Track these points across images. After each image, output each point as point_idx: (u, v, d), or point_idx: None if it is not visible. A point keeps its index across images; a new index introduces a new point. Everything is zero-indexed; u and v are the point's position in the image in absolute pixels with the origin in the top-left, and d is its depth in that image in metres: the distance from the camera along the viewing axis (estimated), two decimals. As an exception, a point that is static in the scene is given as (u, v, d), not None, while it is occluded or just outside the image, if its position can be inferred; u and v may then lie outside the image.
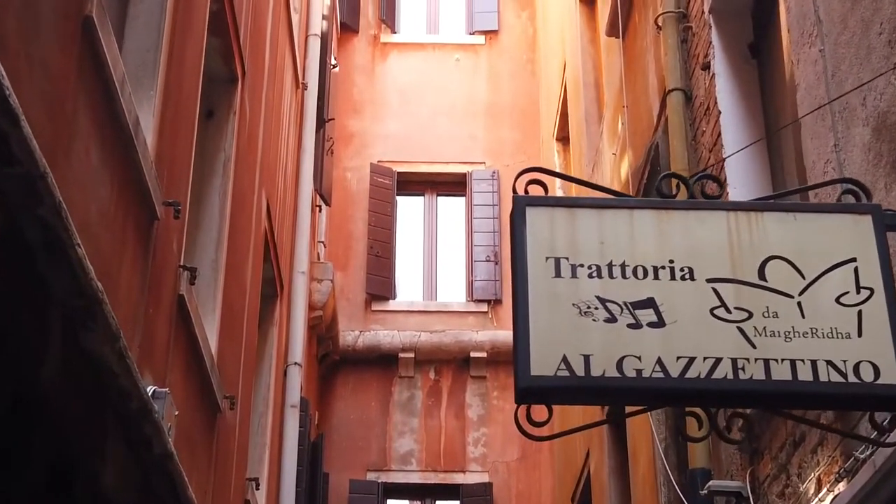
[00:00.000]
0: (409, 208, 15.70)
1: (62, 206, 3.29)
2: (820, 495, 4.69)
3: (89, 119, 4.09)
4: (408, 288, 15.20)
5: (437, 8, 16.98)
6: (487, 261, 14.93)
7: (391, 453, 14.08)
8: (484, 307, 14.76)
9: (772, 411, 4.13)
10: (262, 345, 9.53)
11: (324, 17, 12.26)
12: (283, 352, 10.23)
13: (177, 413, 5.21)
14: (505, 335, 14.42)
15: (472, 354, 14.41)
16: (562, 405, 3.41)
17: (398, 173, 15.48)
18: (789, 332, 3.37)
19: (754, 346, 3.35)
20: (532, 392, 3.25)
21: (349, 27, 16.15)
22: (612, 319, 3.34)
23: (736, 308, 3.42)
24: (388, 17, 16.42)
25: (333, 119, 12.77)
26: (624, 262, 3.43)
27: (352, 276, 14.84)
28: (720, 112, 6.39)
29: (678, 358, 3.31)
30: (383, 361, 14.41)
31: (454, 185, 15.63)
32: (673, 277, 3.43)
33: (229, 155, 7.30)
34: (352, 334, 14.37)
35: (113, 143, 4.41)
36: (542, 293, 3.35)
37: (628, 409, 4.28)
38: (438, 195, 15.77)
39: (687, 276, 3.44)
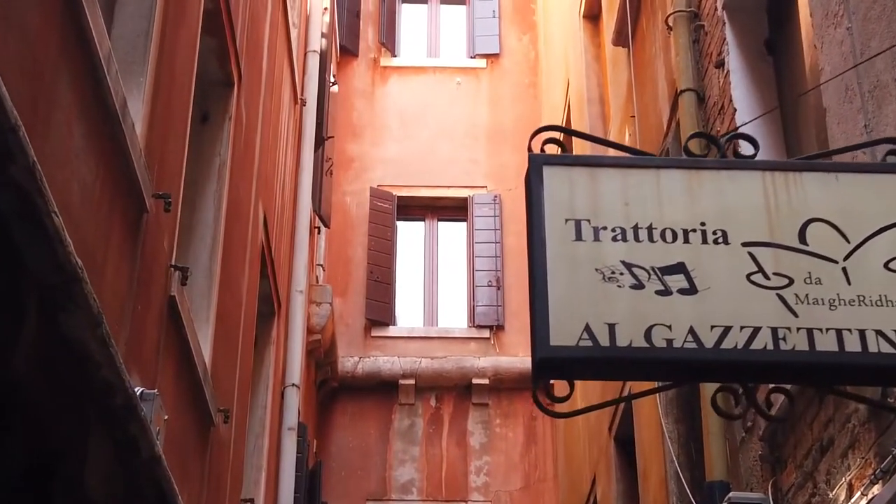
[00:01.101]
0: (409, 233, 15.43)
1: (37, 167, 3.01)
2: (852, 501, 4.39)
3: (71, 92, 3.83)
4: (408, 313, 14.90)
5: (437, 31, 16.79)
6: (489, 286, 14.64)
7: (391, 482, 13.72)
8: (486, 333, 14.46)
9: (816, 386, 3.81)
10: (259, 364, 9.23)
11: (323, 35, 12.04)
12: (281, 373, 9.93)
13: (166, 418, 4.91)
14: (508, 361, 14.14)
15: (474, 381, 14.08)
16: (583, 380, 3.11)
17: (398, 197, 15.21)
18: (834, 300, 3.09)
19: (796, 315, 3.06)
20: (551, 364, 2.96)
21: (349, 50, 15.94)
22: (638, 286, 3.06)
23: (775, 274, 3.14)
24: (387, 40, 16.21)
25: (333, 137, 12.52)
26: (651, 224, 3.16)
27: (351, 302, 14.54)
28: (735, 110, 6.13)
29: (712, 327, 3.02)
30: (383, 388, 14.09)
31: (455, 209, 15.36)
32: (705, 241, 3.15)
33: (224, 159, 7.04)
34: (351, 360, 14.05)
35: (98, 123, 4.15)
36: (561, 257, 3.07)
37: (634, 390, 3.95)
38: (439, 220, 15.49)
39: (720, 240, 3.16)
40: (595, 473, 10.73)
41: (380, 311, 14.49)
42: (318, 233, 13.16)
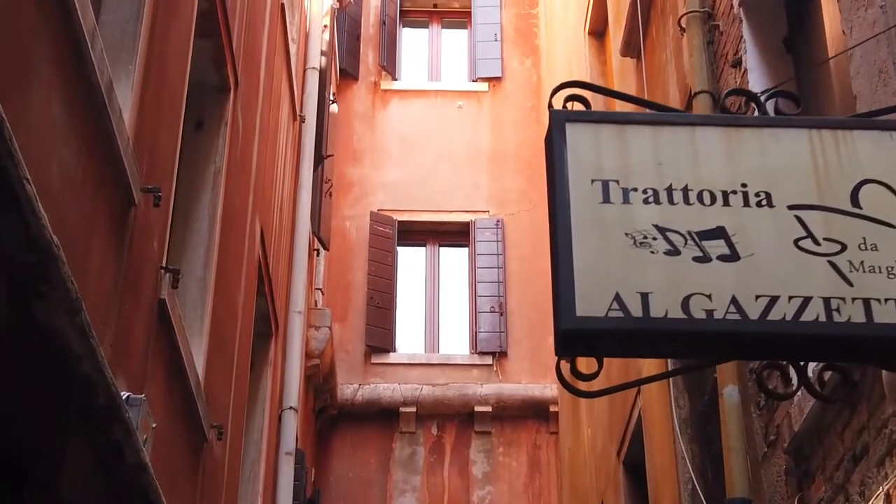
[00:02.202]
0: (410, 258, 15.13)
1: (6, 125, 2.72)
2: (891, 511, 4.07)
3: (51, 63, 3.55)
4: (409, 340, 14.57)
5: (438, 55, 16.56)
6: (492, 312, 14.33)
7: (392, 512, 13.37)
8: (489, 360, 14.13)
9: (874, 364, 3.46)
10: (256, 385, 8.91)
11: (322, 54, 11.80)
12: (278, 396, 9.60)
13: (154, 426, 4.60)
14: (511, 388, 13.81)
15: (477, 409, 13.75)
16: (612, 356, 2.80)
17: (399, 222, 14.93)
18: (893, 268, 2.79)
19: (850, 284, 2.76)
20: (578, 337, 2.65)
21: (349, 74, 15.71)
22: (674, 251, 2.76)
23: (826, 239, 2.84)
24: (388, 63, 15.97)
25: (332, 155, 12.25)
26: (686, 185, 2.86)
27: (350, 328, 14.22)
28: (754, 109, 5.84)
29: (757, 297, 2.72)
30: (383, 416, 13.74)
31: (457, 234, 15.07)
32: (746, 204, 2.85)
33: (220, 167, 6.76)
34: (350, 388, 13.72)
35: (81, 102, 3.87)
36: (587, 220, 2.77)
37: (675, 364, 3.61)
38: (441, 245, 15.20)
39: (764, 203, 2.87)
40: (602, 501, 10.38)
41: (380, 337, 14.17)
42: (318, 255, 12.86)
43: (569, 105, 3.04)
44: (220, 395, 6.76)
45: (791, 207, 2.89)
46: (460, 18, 16.76)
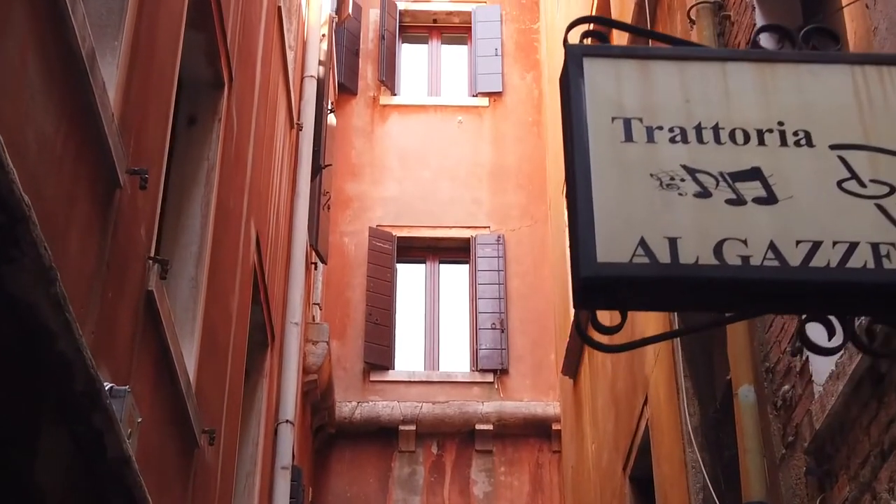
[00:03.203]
0: (409, 275, 14.88)
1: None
2: (925, 506, 3.81)
3: (27, 20, 3.31)
4: (408, 357, 14.29)
5: (438, 69, 16.35)
6: (493, 329, 14.05)
7: (391, 533, 13.06)
8: (489, 377, 13.85)
9: None
10: (251, 397, 8.65)
11: (321, 63, 11.59)
12: (274, 408, 9.33)
13: (140, 420, 4.34)
14: (513, 406, 13.52)
15: (478, 427, 13.45)
16: (636, 309, 2.54)
17: (398, 238, 14.67)
18: (946, 210, 2.54)
19: (901, 228, 2.51)
20: (599, 284, 2.39)
21: (347, 89, 15.50)
22: (704, 193, 2.50)
23: (872, 181, 2.59)
24: (387, 78, 15.76)
25: (330, 165, 12.02)
26: (717, 124, 2.61)
27: (349, 345, 13.95)
28: (768, 98, 5.60)
29: (798, 242, 2.47)
30: (382, 434, 13.45)
31: (457, 250, 14.81)
32: (784, 143, 2.60)
33: (213, 164, 6.52)
34: (349, 405, 13.43)
35: (60, 68, 3.63)
36: (607, 161, 2.52)
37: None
38: (441, 262, 14.94)
39: (803, 142, 2.62)
40: (608, 518, 10.09)
41: (379, 354, 13.90)
42: (315, 269, 12.60)
43: (586, 42, 2.80)
44: (212, 400, 6.50)
45: (833, 147, 2.65)
46: (460, 34, 16.57)
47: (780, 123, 2.65)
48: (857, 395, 4.41)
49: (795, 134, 2.63)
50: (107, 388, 3.93)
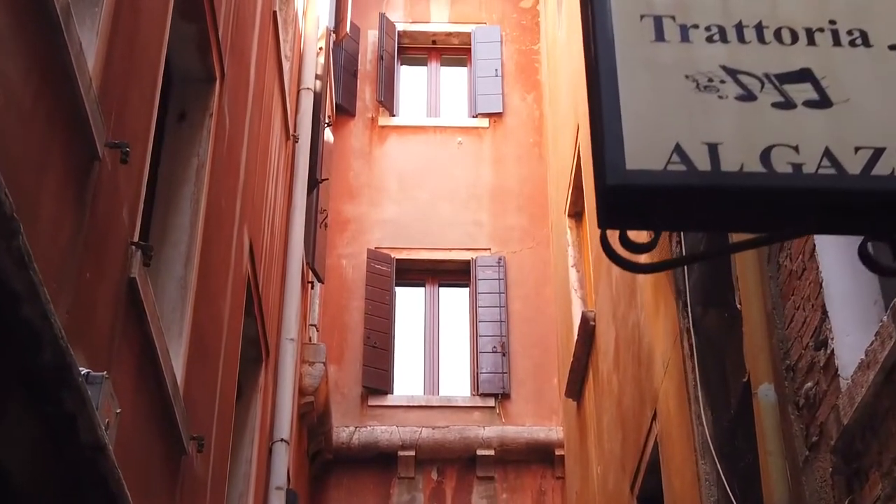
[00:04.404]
0: (409, 297, 14.56)
1: None
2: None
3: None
4: (408, 381, 13.95)
5: (437, 91, 16.11)
6: (494, 352, 13.73)
7: (390, 562, 12.68)
8: (491, 402, 13.51)
9: None
10: (244, 413, 8.33)
11: (318, 77, 11.34)
12: (268, 426, 9.00)
13: (119, 411, 4.03)
14: (515, 431, 13.18)
15: (479, 452, 13.10)
16: (668, 229, 2.22)
17: (397, 260, 14.37)
18: None
19: (974, 134, 2.22)
20: (626, 195, 2.08)
21: (345, 110, 15.26)
22: (748, 96, 2.21)
23: (938, 84, 2.30)
24: (386, 99, 15.51)
25: (327, 179, 11.74)
26: (760, 22, 2.32)
27: (347, 370, 13.61)
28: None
29: (857, 149, 2.17)
30: (381, 460, 13.09)
31: (457, 273, 14.50)
32: (837, 43, 2.32)
33: (203, 161, 6.24)
34: (346, 431, 13.08)
35: (31, 18, 3.35)
36: (636, 61, 2.22)
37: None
38: (440, 285, 14.63)
39: (859, 42, 2.33)
40: (614, 542, 9.73)
41: (377, 378, 13.56)
42: (312, 288, 12.29)
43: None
44: (201, 407, 6.18)
45: (892, 48, 2.36)
46: (459, 55, 16.35)
47: (832, 22, 2.37)
48: (889, 384, 4.11)
49: (850, 33, 2.35)
50: (82, 372, 3.62)
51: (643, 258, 2.46)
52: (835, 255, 4.85)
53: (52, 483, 3.52)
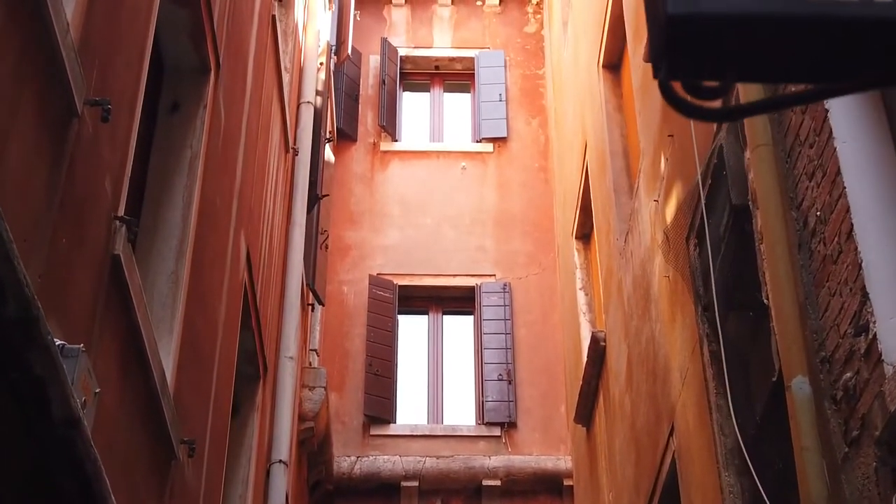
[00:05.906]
0: (411, 324, 14.18)
1: None
2: None
3: None
4: (411, 410, 13.54)
5: (440, 116, 15.81)
6: (500, 380, 13.33)
7: None
8: (496, 431, 13.10)
9: None
10: (241, 432, 7.94)
11: (318, 93, 11.04)
12: (266, 446, 8.60)
13: (98, 391, 3.66)
14: (521, 461, 12.76)
15: (485, 483, 12.67)
16: (741, 79, 1.82)
17: (400, 287, 14.00)
18: None
19: None
20: (693, 28, 1.68)
21: (347, 135, 14.95)
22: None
23: None
24: (388, 124, 15.21)
25: (328, 195, 11.40)
26: None
27: (348, 398, 13.21)
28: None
29: None
30: (383, 491, 12.65)
31: (461, 300, 14.12)
32: None
33: (197, 152, 5.91)
34: (347, 460, 12.66)
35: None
36: None
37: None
38: (444, 312, 14.25)
39: None
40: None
41: (379, 407, 13.16)
42: (312, 311, 11.92)
43: None
44: (194, 411, 5.81)
45: None
46: (463, 80, 16.06)
47: None
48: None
49: None
50: (57, 344, 3.26)
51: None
52: (875, 234, 4.50)
53: (18, 465, 3.15)
